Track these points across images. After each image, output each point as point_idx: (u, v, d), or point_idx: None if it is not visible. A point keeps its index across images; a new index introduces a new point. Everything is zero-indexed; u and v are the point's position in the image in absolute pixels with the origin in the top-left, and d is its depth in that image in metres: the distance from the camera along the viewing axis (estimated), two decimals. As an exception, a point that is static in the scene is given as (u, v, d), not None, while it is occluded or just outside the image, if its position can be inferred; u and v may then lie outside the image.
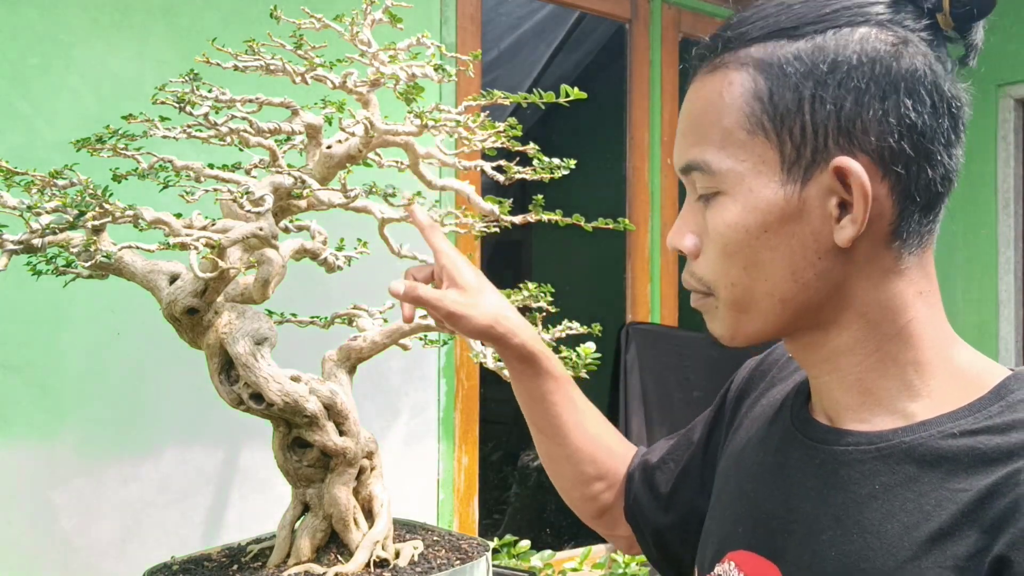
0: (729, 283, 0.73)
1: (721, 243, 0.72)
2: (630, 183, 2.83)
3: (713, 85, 0.72)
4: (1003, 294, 3.31)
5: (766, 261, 0.71)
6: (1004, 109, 3.26)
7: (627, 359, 2.68)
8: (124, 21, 1.78)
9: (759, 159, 0.70)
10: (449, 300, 0.91)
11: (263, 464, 1.54)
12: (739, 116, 0.70)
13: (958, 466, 0.66)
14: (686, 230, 0.76)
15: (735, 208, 0.71)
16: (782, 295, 0.72)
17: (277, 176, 1.15)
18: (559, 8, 3.20)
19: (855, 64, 0.68)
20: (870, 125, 0.68)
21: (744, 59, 0.71)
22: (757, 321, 0.74)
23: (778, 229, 0.71)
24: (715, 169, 0.72)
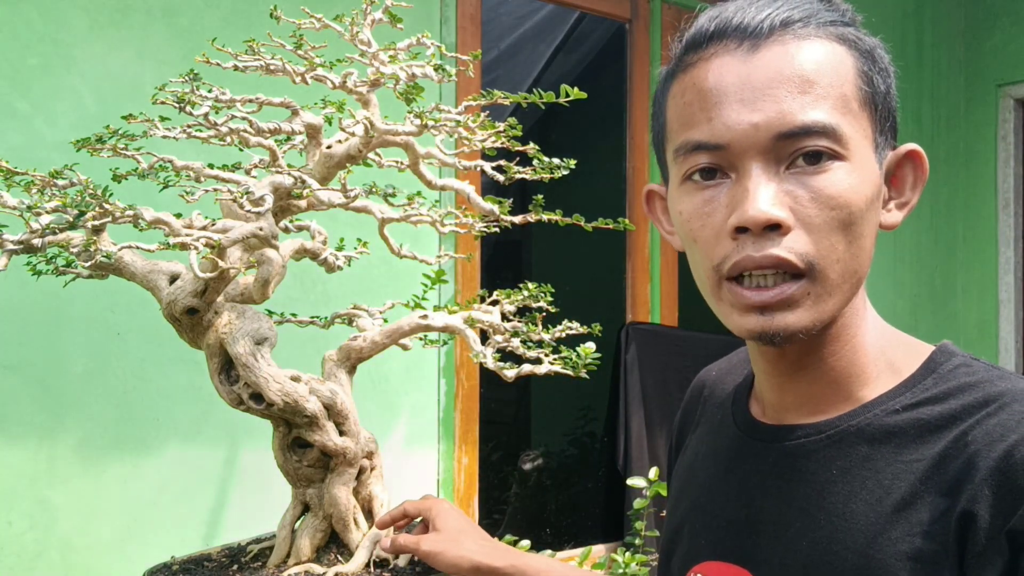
0: (836, 259, 0.70)
1: (840, 213, 0.69)
2: (630, 183, 2.83)
3: (821, 52, 0.71)
4: (1003, 294, 3.31)
5: (865, 236, 0.71)
6: (1004, 109, 3.27)
7: (627, 359, 2.67)
8: (124, 21, 1.78)
9: (864, 133, 0.72)
10: (425, 542, 1.06)
11: (263, 464, 1.54)
12: (854, 88, 0.71)
13: (907, 438, 0.69)
14: (777, 200, 0.69)
15: (855, 176, 0.70)
16: (862, 275, 0.73)
17: (277, 176, 1.15)
18: (559, 8, 3.20)
19: (888, 61, 0.75)
20: (897, 122, 0.75)
21: (841, 36, 0.72)
22: (838, 305, 0.71)
23: (873, 205, 0.72)
24: (841, 133, 0.69)
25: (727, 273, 0.71)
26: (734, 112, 0.69)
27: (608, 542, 2.69)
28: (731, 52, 0.71)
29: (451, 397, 2.27)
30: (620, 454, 2.63)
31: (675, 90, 0.76)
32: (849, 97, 0.70)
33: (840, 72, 0.70)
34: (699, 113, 0.72)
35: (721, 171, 0.71)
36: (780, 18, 0.71)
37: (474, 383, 2.32)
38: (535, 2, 3.27)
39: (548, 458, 4.15)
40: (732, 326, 0.73)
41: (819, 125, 0.68)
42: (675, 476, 0.92)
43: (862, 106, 0.71)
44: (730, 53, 0.71)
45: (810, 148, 0.68)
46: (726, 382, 0.90)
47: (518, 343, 1.26)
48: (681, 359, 2.78)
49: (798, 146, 0.69)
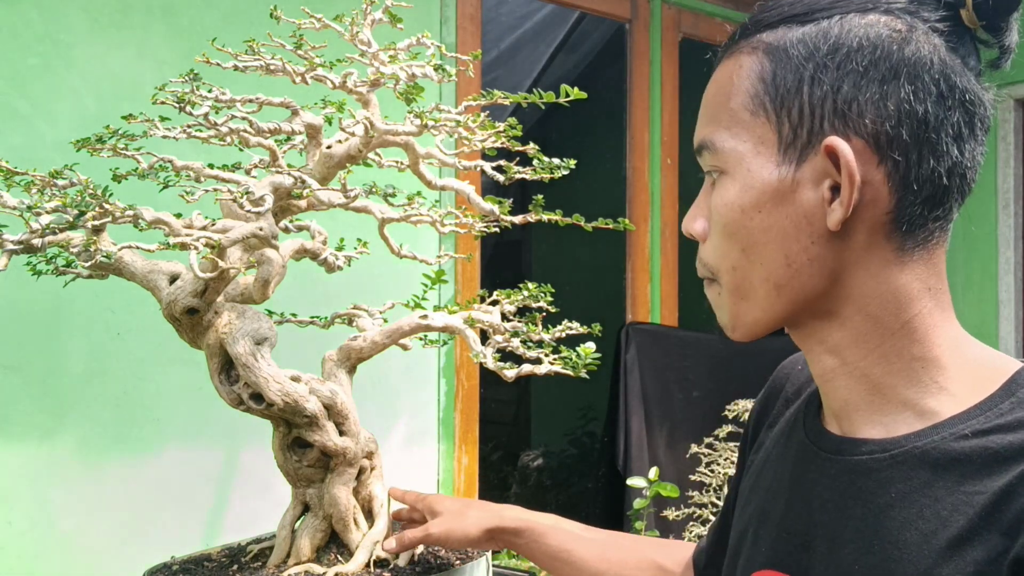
0: (730, 267, 0.73)
1: (721, 223, 0.73)
2: (630, 183, 2.83)
3: (726, 69, 0.74)
4: (1003, 294, 3.31)
5: (761, 244, 0.71)
6: (1004, 109, 3.27)
7: (627, 359, 2.67)
8: (124, 21, 1.78)
9: (759, 139, 0.71)
10: (432, 527, 1.07)
11: (263, 464, 1.54)
12: (744, 97, 0.71)
13: (971, 468, 0.65)
14: (698, 214, 0.76)
15: (733, 188, 0.72)
16: (777, 280, 0.72)
17: (277, 176, 1.15)
18: (559, 8, 3.20)
19: (855, 47, 0.68)
20: (866, 108, 0.67)
21: (756, 44, 0.72)
22: (755, 308, 0.74)
23: (772, 210, 0.70)
24: (718, 148, 0.72)
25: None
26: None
27: (608, 542, 2.68)
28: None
29: (451, 397, 2.27)
30: (620, 454, 2.63)
31: None
32: (736, 109, 0.72)
33: (731, 87, 0.72)
34: None
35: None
36: (737, 33, 0.74)
37: (474, 383, 2.32)
38: (535, 2, 3.27)
39: (548, 458, 4.15)
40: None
41: (699, 143, 0.74)
42: (747, 475, 0.89)
43: (755, 113, 0.71)
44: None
45: (704, 164, 0.75)
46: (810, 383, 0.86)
47: (518, 343, 1.26)
48: (681, 359, 2.78)
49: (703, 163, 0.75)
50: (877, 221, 0.69)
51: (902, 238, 0.69)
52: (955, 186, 0.70)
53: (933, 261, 0.72)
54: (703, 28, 2.96)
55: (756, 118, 0.71)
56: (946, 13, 0.70)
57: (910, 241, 0.70)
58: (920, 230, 0.70)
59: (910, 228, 0.69)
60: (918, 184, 0.68)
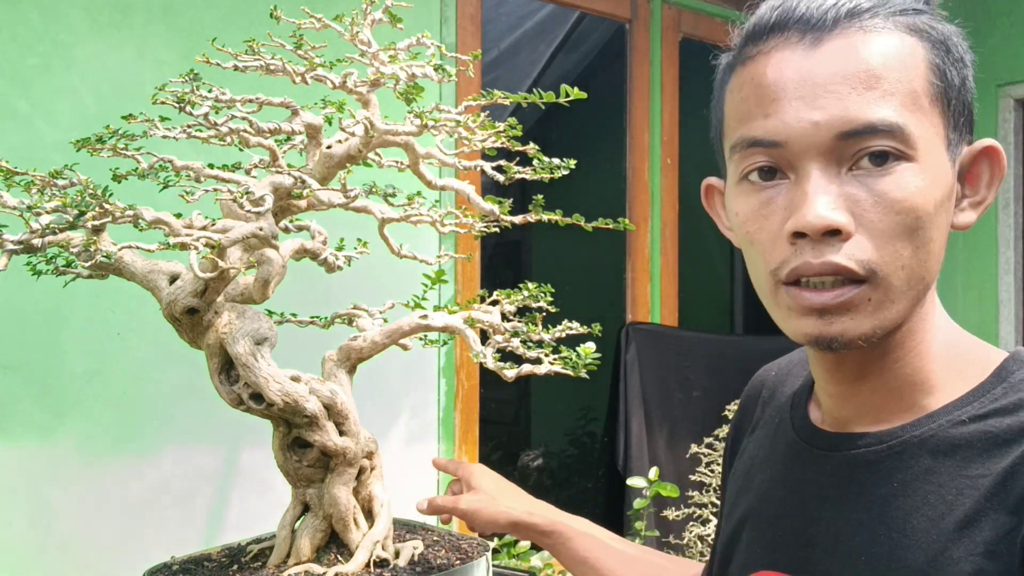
0: (900, 265, 0.66)
1: (906, 218, 0.65)
2: (630, 183, 2.83)
3: (889, 45, 0.66)
4: (1003, 294, 3.31)
5: (934, 240, 0.67)
6: (1004, 109, 3.26)
7: (627, 359, 2.67)
8: (124, 21, 1.78)
9: (935, 131, 0.67)
10: (463, 501, 1.10)
11: (263, 464, 1.54)
12: (924, 83, 0.67)
13: (973, 452, 0.65)
14: (837, 205, 0.65)
15: (924, 178, 0.66)
16: (930, 280, 0.69)
17: (277, 176, 1.15)
18: (559, 8, 3.20)
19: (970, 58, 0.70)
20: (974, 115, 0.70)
21: (912, 26, 0.68)
22: (901, 312, 0.68)
23: (943, 206, 0.68)
24: (911, 133, 0.65)
25: (785, 278, 0.68)
26: (793, 109, 0.66)
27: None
28: (792, 46, 0.67)
29: (451, 397, 2.27)
30: (620, 454, 2.63)
31: (733, 84, 0.72)
32: (919, 93, 0.66)
33: (909, 66, 0.66)
34: (756, 109, 0.68)
35: (780, 171, 0.68)
36: (846, 8, 0.67)
37: (474, 383, 2.32)
38: (535, 2, 3.27)
39: (548, 458, 4.15)
40: (789, 330, 0.70)
41: (885, 124, 0.64)
42: (732, 480, 0.88)
43: (933, 102, 0.67)
44: (791, 47, 0.67)
45: (875, 148, 0.65)
46: (785, 384, 0.86)
47: (518, 343, 1.26)
48: (681, 359, 2.78)
49: (862, 146, 0.65)
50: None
51: None
52: None
53: None
54: (703, 28, 2.96)
55: (934, 108, 0.67)
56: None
57: None
58: None
59: None
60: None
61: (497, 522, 1.05)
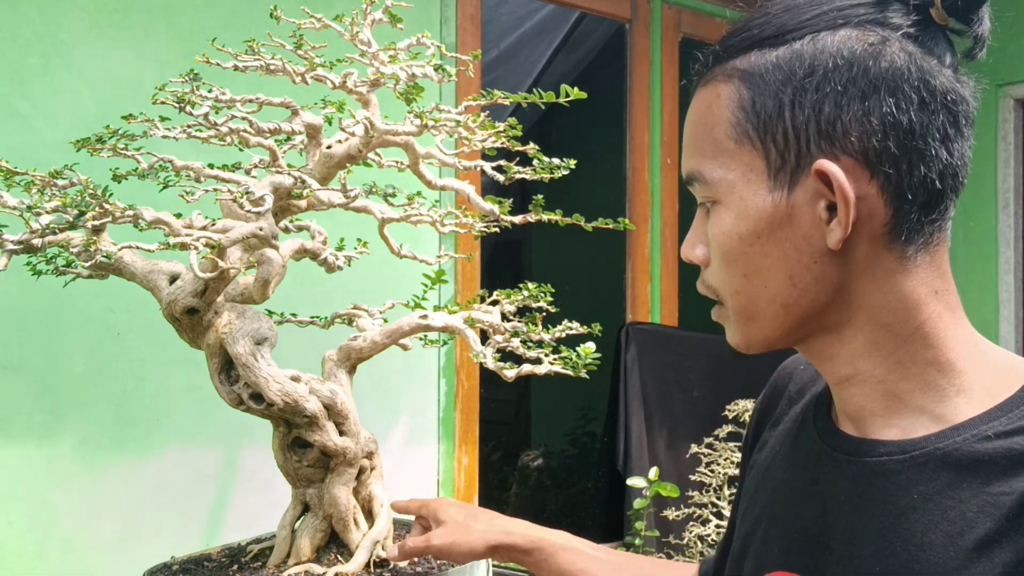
0: (733, 291, 0.74)
1: (720, 252, 0.73)
2: (630, 183, 2.83)
3: (704, 98, 0.74)
4: (1003, 294, 3.31)
5: (763, 268, 0.72)
6: (1004, 109, 3.26)
7: (627, 359, 2.67)
8: (124, 21, 1.78)
9: (747, 167, 0.71)
10: (435, 537, 1.04)
11: (263, 464, 1.55)
12: (726, 126, 0.71)
13: (996, 469, 0.65)
14: (696, 241, 0.77)
15: (729, 217, 0.72)
16: (783, 301, 0.72)
17: (277, 176, 1.15)
18: (559, 8, 3.20)
19: (831, 67, 0.68)
20: (851, 126, 0.67)
21: (730, 71, 0.72)
22: (764, 328, 0.74)
23: (770, 235, 0.71)
24: (708, 179, 0.73)
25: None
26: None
27: (608, 542, 2.69)
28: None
29: (451, 397, 2.27)
30: (620, 454, 2.63)
31: None
32: (720, 139, 0.72)
33: (711, 117, 0.73)
34: None
35: None
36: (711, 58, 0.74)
37: (474, 383, 2.32)
38: (535, 2, 3.27)
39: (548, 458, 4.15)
40: None
41: (688, 175, 0.75)
42: (751, 475, 0.88)
43: (739, 141, 0.71)
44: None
45: (697, 195, 0.75)
46: (815, 382, 0.86)
47: (518, 343, 1.26)
48: (681, 359, 2.78)
49: (695, 193, 0.76)
50: (876, 233, 0.69)
51: (903, 246, 0.69)
52: (948, 187, 0.70)
53: (936, 263, 0.71)
54: (703, 28, 2.96)
55: (741, 147, 0.71)
56: (916, 17, 0.70)
57: (911, 247, 0.70)
58: (919, 235, 0.70)
59: (909, 235, 0.69)
60: (912, 192, 0.68)
61: (475, 550, 1.01)
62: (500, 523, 1.04)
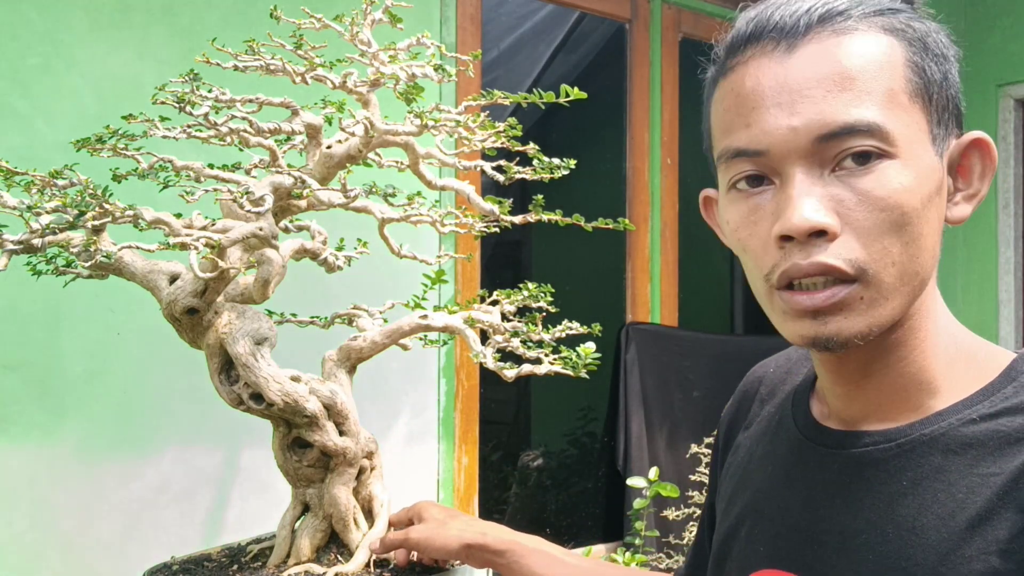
0: (890, 262, 0.67)
1: (892, 215, 0.66)
2: (630, 183, 2.83)
3: (863, 45, 0.68)
4: (1003, 294, 3.31)
5: (925, 235, 0.68)
6: (1004, 109, 3.27)
7: (627, 359, 2.68)
8: (124, 21, 1.78)
9: (918, 127, 0.68)
10: (413, 532, 1.08)
11: (263, 464, 1.55)
12: (902, 81, 0.68)
13: (984, 451, 0.65)
14: (822, 206, 0.66)
15: (908, 174, 0.66)
16: (925, 276, 0.69)
17: (277, 176, 1.15)
18: (559, 8, 3.20)
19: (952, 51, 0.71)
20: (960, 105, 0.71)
21: (887, 26, 0.69)
22: (897, 308, 0.68)
23: (932, 201, 0.68)
24: (890, 130, 0.66)
25: (776, 283, 0.69)
26: (772, 116, 0.68)
27: (608, 542, 2.69)
28: (768, 54, 0.69)
29: (451, 397, 2.27)
30: (620, 454, 2.63)
31: (717, 96, 0.74)
32: (897, 91, 0.67)
33: (885, 64, 0.67)
34: (737, 119, 0.70)
35: (766, 178, 0.70)
36: (818, 13, 0.68)
37: (474, 383, 2.32)
38: (535, 2, 3.27)
39: (548, 458, 4.15)
40: (786, 333, 0.71)
41: (863, 124, 0.66)
42: (727, 477, 0.88)
43: (913, 98, 0.67)
44: (767, 55, 0.69)
45: (856, 148, 0.66)
46: (786, 381, 0.86)
47: (518, 343, 1.26)
48: (681, 359, 2.78)
49: (843, 147, 0.66)
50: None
51: None
52: None
53: None
54: (703, 28, 2.96)
55: (914, 104, 0.68)
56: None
57: None
58: None
59: None
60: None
61: (449, 547, 1.04)
62: (476, 525, 1.06)
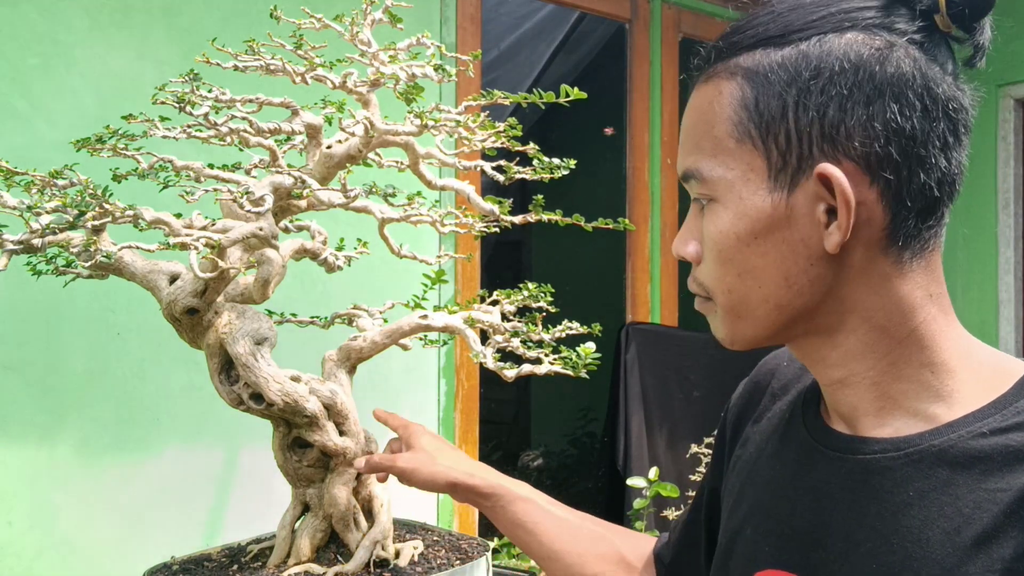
0: (725, 289, 0.74)
1: (715, 250, 0.73)
2: (630, 183, 2.83)
3: (705, 95, 0.73)
4: (1003, 294, 3.31)
5: (759, 268, 0.72)
6: (1004, 109, 3.26)
7: (627, 359, 2.68)
8: (124, 21, 1.78)
9: (747, 167, 0.70)
10: (401, 459, 1.07)
11: (263, 464, 1.55)
12: (728, 125, 0.71)
13: (992, 465, 0.65)
14: (689, 237, 0.77)
15: (726, 215, 0.72)
16: (777, 301, 0.72)
17: (277, 176, 1.15)
18: (559, 8, 3.20)
19: (837, 70, 0.67)
20: (854, 131, 0.67)
21: (733, 68, 0.72)
22: (754, 326, 0.75)
23: (768, 236, 0.71)
24: (707, 177, 0.72)
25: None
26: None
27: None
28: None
29: (451, 397, 2.27)
30: (620, 454, 2.63)
31: None
32: (721, 136, 0.71)
33: (713, 114, 0.72)
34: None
35: None
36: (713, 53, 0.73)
37: (474, 383, 2.32)
38: (535, 2, 3.27)
39: (548, 458, 4.15)
40: None
41: (684, 172, 0.75)
42: (735, 471, 0.87)
43: (740, 140, 0.70)
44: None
45: (694, 192, 0.75)
46: (799, 379, 0.86)
47: (518, 343, 1.26)
48: (681, 359, 2.78)
49: (690, 189, 0.76)
50: (873, 238, 0.69)
51: (899, 251, 0.70)
52: (945, 194, 0.70)
53: (931, 267, 0.72)
54: (703, 28, 2.96)
55: (742, 145, 0.70)
56: (921, 23, 0.69)
57: (907, 252, 0.70)
58: (915, 241, 0.70)
59: (906, 241, 0.70)
60: (911, 199, 0.68)
61: (436, 481, 1.03)
62: (465, 464, 1.06)
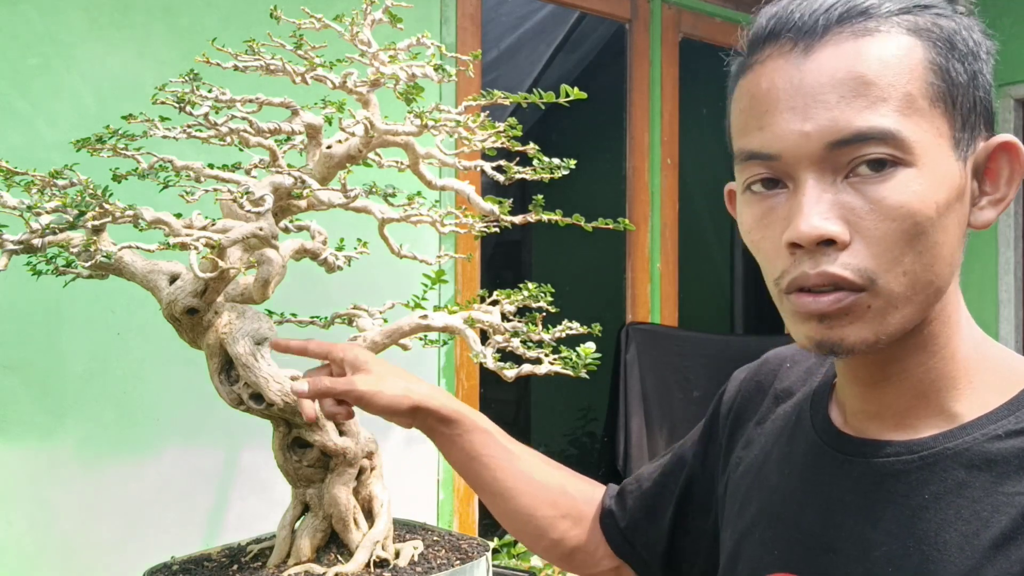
0: (902, 272, 0.65)
1: (903, 224, 0.64)
2: (630, 183, 2.83)
3: (881, 48, 0.65)
4: (1003, 294, 3.31)
5: (941, 244, 0.65)
6: (1004, 109, 3.27)
7: (627, 359, 2.68)
8: (124, 21, 1.78)
9: (937, 131, 0.65)
10: (359, 383, 0.95)
11: (263, 464, 1.55)
12: (921, 84, 0.65)
13: (1009, 468, 0.64)
14: (831, 214, 0.64)
15: (922, 182, 0.64)
16: (941, 284, 0.67)
17: (277, 176, 1.15)
18: (559, 8, 3.20)
19: (985, 49, 0.69)
20: (991, 105, 0.69)
21: (911, 26, 0.66)
22: (907, 317, 0.66)
23: (952, 208, 0.66)
24: (905, 137, 0.63)
25: (785, 288, 0.68)
26: (784, 121, 0.65)
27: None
28: (785, 55, 0.67)
29: (451, 397, 2.27)
30: (620, 454, 2.63)
31: (736, 95, 0.72)
32: (915, 95, 0.64)
33: (903, 68, 0.64)
34: (752, 121, 0.68)
35: (780, 181, 0.68)
36: (837, 13, 0.66)
37: (474, 383, 2.32)
38: (535, 2, 3.27)
39: (548, 458, 4.14)
40: (795, 335, 0.69)
41: (877, 131, 0.63)
42: (738, 473, 0.86)
43: (934, 103, 0.65)
44: (784, 56, 0.67)
45: (870, 156, 0.64)
46: (805, 381, 0.84)
47: (518, 343, 1.26)
48: (681, 359, 2.78)
49: (856, 154, 0.64)
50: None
51: None
52: None
53: None
54: (703, 28, 2.96)
55: (934, 109, 0.65)
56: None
57: None
58: None
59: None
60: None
61: (398, 406, 0.94)
62: (423, 387, 0.98)
